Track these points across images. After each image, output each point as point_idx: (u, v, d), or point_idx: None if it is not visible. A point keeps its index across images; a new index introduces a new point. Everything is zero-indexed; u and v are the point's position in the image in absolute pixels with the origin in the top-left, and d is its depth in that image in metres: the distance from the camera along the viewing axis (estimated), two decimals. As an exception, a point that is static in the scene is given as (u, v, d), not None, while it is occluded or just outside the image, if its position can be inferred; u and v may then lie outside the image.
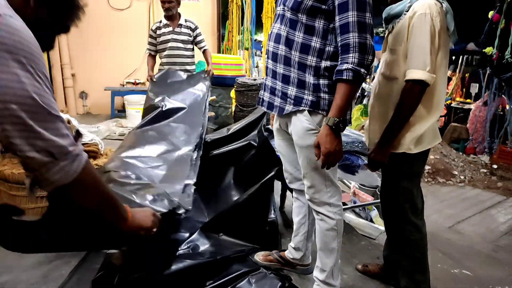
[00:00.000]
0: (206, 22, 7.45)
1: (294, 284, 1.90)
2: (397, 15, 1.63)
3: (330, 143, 1.41)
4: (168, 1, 3.75)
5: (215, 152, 2.74)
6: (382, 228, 2.74)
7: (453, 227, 3.27)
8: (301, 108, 1.55)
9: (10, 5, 0.76)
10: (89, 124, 5.67)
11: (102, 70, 6.83)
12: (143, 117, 3.13)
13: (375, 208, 2.99)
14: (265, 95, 1.72)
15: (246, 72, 5.82)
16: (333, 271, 1.73)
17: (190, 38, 3.94)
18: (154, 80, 3.59)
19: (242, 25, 6.45)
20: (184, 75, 3.64)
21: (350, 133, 2.54)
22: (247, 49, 6.34)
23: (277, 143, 1.88)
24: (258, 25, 6.94)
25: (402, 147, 1.64)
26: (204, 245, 2.20)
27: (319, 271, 1.75)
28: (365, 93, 9.04)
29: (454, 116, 6.50)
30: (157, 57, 4.09)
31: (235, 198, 2.47)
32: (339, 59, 1.43)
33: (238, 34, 6.62)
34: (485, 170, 4.91)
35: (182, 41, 3.93)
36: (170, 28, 3.85)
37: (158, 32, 3.86)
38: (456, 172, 4.71)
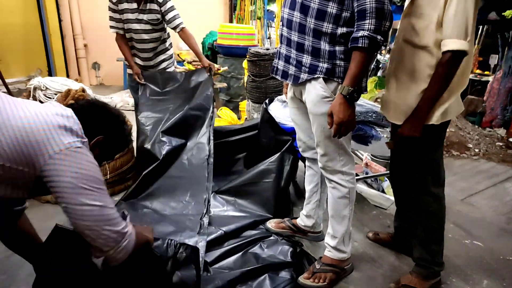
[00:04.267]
0: (218, -10, 7.31)
1: (305, 250, 1.94)
2: None
3: (343, 113, 1.40)
4: None
5: (227, 139, 2.77)
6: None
7: (466, 200, 3.26)
8: (316, 76, 1.53)
9: None
10: (102, 95, 5.70)
11: (114, 40, 6.76)
12: (138, 158, 2.65)
13: (387, 179, 2.99)
14: (280, 64, 1.69)
15: (258, 43, 5.73)
16: (344, 238, 1.75)
17: (159, 16, 2.74)
18: (144, 82, 2.78)
19: (255, -7, 6.29)
20: (180, 77, 2.84)
21: (364, 103, 2.51)
22: (259, 18, 6.21)
23: (291, 111, 1.87)
24: (271, -6, 6.76)
25: (433, 119, 1.56)
26: (216, 208, 2.26)
27: (331, 237, 1.78)
28: (380, 65, 8.84)
29: (471, 89, 6.33)
30: None
31: (249, 172, 2.49)
32: (355, 26, 1.39)
33: (251, 4, 6.47)
34: (500, 144, 4.83)
35: (151, 22, 2.74)
36: (134, 5, 2.66)
37: (120, 6, 2.68)
38: (471, 145, 4.64)
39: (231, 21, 7.33)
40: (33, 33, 5.84)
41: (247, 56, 3.57)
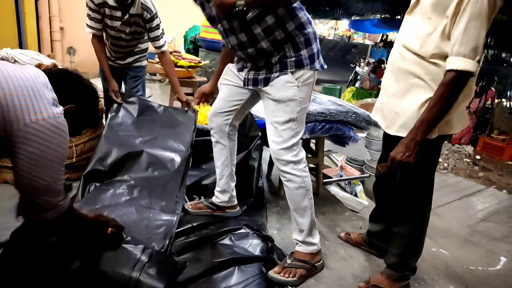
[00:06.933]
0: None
1: (276, 245, 1.89)
2: None
3: (226, 3, 1.39)
4: None
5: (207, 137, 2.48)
6: (366, 203, 2.75)
7: (433, 211, 3.27)
8: (288, 71, 1.59)
9: None
10: (75, 80, 5.50)
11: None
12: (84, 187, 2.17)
13: (360, 183, 3.00)
14: (250, 74, 1.70)
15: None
16: (311, 229, 1.73)
17: (142, 30, 2.54)
18: (120, 101, 2.54)
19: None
20: (159, 109, 2.58)
21: (344, 103, 2.51)
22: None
23: (224, 81, 1.86)
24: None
25: (433, 134, 1.46)
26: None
27: (298, 232, 1.75)
28: (358, 77, 9.03)
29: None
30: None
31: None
32: None
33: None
34: (468, 160, 5.00)
35: (134, 35, 2.56)
36: (118, 14, 2.40)
37: (102, 10, 2.39)
38: (440, 159, 4.78)
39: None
40: (5, 10, 5.55)
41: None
